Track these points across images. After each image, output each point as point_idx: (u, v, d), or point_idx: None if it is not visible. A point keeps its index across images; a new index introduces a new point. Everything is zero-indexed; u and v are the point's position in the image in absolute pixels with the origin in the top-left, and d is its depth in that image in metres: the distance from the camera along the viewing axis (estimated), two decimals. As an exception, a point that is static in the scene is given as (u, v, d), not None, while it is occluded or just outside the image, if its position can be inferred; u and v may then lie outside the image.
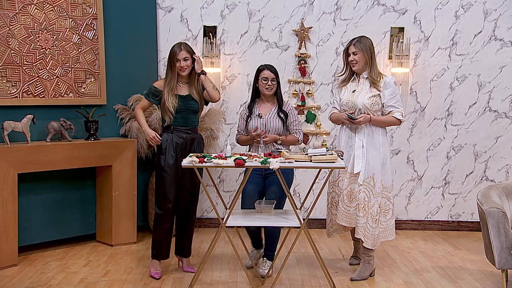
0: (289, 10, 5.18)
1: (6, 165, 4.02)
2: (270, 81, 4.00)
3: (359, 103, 3.85)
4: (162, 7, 5.16)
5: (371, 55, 3.85)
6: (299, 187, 5.29)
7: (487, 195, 3.77)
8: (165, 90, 3.84)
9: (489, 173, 5.31)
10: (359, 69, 3.88)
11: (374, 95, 3.84)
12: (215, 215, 5.16)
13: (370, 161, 3.83)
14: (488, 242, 3.70)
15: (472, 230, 5.33)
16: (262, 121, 4.03)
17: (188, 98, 3.89)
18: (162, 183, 3.84)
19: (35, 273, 3.98)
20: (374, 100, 3.84)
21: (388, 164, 3.91)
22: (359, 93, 3.88)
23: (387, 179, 3.89)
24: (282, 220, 3.70)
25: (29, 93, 4.33)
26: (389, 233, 3.94)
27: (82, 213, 4.70)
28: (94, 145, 4.49)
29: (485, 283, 3.94)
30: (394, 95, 3.87)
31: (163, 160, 3.83)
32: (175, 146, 3.85)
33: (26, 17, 4.28)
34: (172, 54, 3.85)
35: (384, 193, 3.89)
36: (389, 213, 3.92)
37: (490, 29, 5.17)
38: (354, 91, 3.91)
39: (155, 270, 3.93)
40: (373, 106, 3.85)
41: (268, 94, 4.03)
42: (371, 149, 3.85)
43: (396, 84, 3.92)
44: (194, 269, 4.02)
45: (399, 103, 3.89)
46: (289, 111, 4.09)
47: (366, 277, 3.95)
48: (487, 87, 5.23)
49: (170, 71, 3.87)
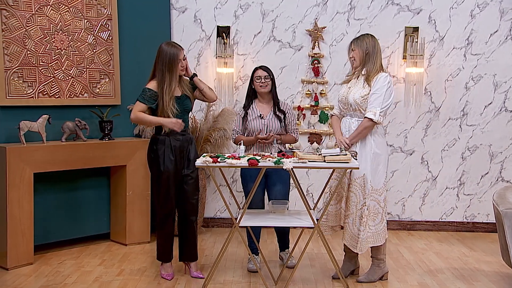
0: (303, 10, 5.17)
1: (22, 165, 4.06)
2: (263, 79, 4.04)
3: (351, 99, 3.76)
4: (176, 7, 5.18)
5: (367, 52, 3.74)
6: (312, 188, 5.28)
7: (503, 196, 3.73)
8: (165, 94, 3.69)
9: (505, 173, 5.25)
10: (356, 65, 3.82)
11: (366, 93, 3.71)
12: (228, 215, 5.18)
13: (362, 161, 3.71)
14: (504, 244, 3.65)
15: (487, 231, 5.28)
16: (264, 122, 4.06)
17: (183, 98, 3.84)
18: (162, 188, 3.78)
19: (50, 272, 4.02)
20: (365, 98, 3.71)
21: (381, 165, 3.75)
22: (353, 89, 3.80)
23: (377, 181, 3.74)
24: (295, 220, 3.69)
25: (44, 93, 4.37)
26: (377, 238, 3.75)
27: (96, 212, 4.74)
28: (108, 145, 4.52)
29: (501, 285, 3.90)
30: (377, 93, 3.68)
31: (162, 165, 3.75)
32: (173, 150, 3.77)
33: (42, 18, 4.33)
34: (172, 56, 3.70)
35: (373, 196, 3.72)
36: (378, 217, 3.74)
37: (506, 29, 5.11)
38: (350, 87, 3.84)
39: (166, 272, 3.92)
40: (364, 103, 3.73)
41: (263, 91, 4.06)
42: (363, 149, 3.74)
43: (389, 83, 3.72)
44: (202, 274, 3.92)
45: (379, 102, 3.66)
46: (288, 110, 4.12)
47: (374, 280, 3.88)
48: (503, 87, 5.17)
49: (168, 74, 3.70)
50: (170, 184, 3.78)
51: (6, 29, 4.15)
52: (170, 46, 3.76)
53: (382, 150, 3.78)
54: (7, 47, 4.16)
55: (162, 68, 3.72)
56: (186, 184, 3.85)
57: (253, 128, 4.06)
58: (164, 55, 3.72)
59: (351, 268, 3.99)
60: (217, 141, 4.86)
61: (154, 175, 3.84)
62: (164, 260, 3.93)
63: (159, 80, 3.73)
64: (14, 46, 4.19)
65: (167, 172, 3.76)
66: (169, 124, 3.72)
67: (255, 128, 4.05)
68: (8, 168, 3.99)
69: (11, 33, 4.18)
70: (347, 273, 3.96)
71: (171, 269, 3.95)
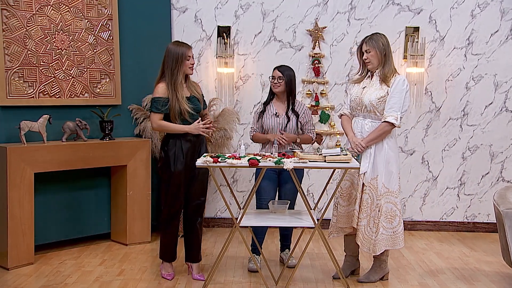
0: (303, 10, 5.17)
1: (23, 165, 4.06)
2: (277, 79, 4.07)
3: (366, 100, 3.72)
4: (177, 7, 5.18)
5: (384, 52, 3.70)
6: (312, 188, 5.28)
7: (503, 196, 3.73)
8: (177, 94, 3.67)
9: (505, 174, 5.24)
10: (374, 67, 3.76)
11: (383, 95, 3.68)
12: (229, 215, 5.18)
13: (378, 162, 3.70)
14: (505, 244, 3.65)
15: (488, 231, 5.28)
16: (279, 120, 4.08)
17: (193, 99, 3.80)
18: (172, 189, 3.76)
19: (51, 272, 4.02)
20: (382, 100, 3.68)
21: (394, 167, 3.73)
22: (368, 90, 3.75)
23: (392, 183, 3.73)
24: (296, 220, 3.69)
25: (45, 93, 4.37)
26: (396, 241, 3.72)
27: (97, 212, 4.74)
28: (109, 145, 4.52)
29: (502, 285, 3.90)
30: (396, 97, 3.65)
31: (172, 165, 3.73)
32: (185, 152, 3.74)
33: (43, 18, 4.33)
34: (181, 54, 3.68)
35: (389, 198, 3.71)
36: (396, 220, 3.70)
37: (507, 28, 5.11)
38: (364, 87, 3.79)
39: (167, 272, 3.92)
40: (380, 105, 3.70)
41: (275, 91, 4.11)
42: (378, 151, 3.72)
43: (407, 86, 3.71)
44: (204, 277, 3.89)
45: (399, 106, 3.65)
46: (302, 111, 4.13)
47: (374, 280, 3.87)
48: (504, 87, 5.17)
49: (177, 73, 3.68)
50: (179, 185, 3.77)
51: (7, 29, 4.15)
52: (178, 45, 3.76)
53: (395, 152, 3.77)
54: (8, 47, 4.16)
55: (171, 67, 3.70)
56: (194, 185, 3.84)
57: (268, 126, 4.10)
58: (172, 54, 3.70)
59: (351, 268, 3.98)
60: (218, 141, 4.86)
61: (164, 176, 3.80)
62: (166, 259, 3.93)
63: (169, 80, 3.70)
64: (14, 46, 4.19)
65: (178, 173, 3.74)
66: (194, 131, 3.71)
67: (270, 125, 4.09)
68: (9, 168, 3.99)
69: (12, 33, 4.18)
70: (347, 273, 3.95)
71: (171, 269, 3.95)
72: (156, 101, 3.72)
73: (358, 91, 3.80)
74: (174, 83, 3.70)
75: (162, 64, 3.77)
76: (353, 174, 3.81)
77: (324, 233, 3.72)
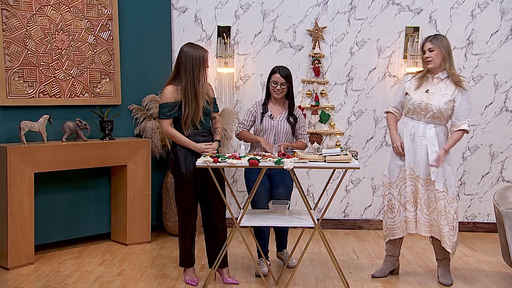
0: (303, 10, 5.17)
1: (23, 165, 4.07)
2: (279, 85, 3.97)
3: (435, 106, 3.66)
4: (177, 7, 5.19)
5: (449, 53, 3.68)
6: (312, 187, 5.28)
7: (503, 196, 3.73)
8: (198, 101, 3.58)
9: (505, 173, 5.25)
10: (435, 67, 3.70)
11: (450, 99, 3.66)
12: (229, 215, 5.17)
13: (445, 166, 3.71)
14: (505, 244, 3.66)
15: (488, 231, 5.28)
16: (273, 123, 4.03)
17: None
18: (184, 193, 3.68)
19: (51, 272, 4.02)
20: (449, 105, 3.67)
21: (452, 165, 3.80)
22: (433, 94, 3.69)
23: (455, 183, 3.77)
24: (296, 220, 3.69)
25: (45, 93, 4.38)
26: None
27: (97, 212, 4.74)
28: (109, 145, 4.52)
29: (502, 285, 3.90)
30: (465, 103, 3.68)
31: (183, 167, 3.65)
32: (194, 152, 3.67)
33: (43, 18, 4.33)
34: (202, 58, 3.59)
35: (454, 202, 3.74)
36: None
37: (507, 28, 5.11)
38: (427, 90, 3.72)
39: (190, 278, 3.82)
40: (447, 111, 3.68)
41: (276, 97, 4.03)
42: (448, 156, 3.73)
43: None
44: (236, 280, 3.82)
45: (468, 112, 3.72)
46: (299, 116, 4.10)
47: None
48: (504, 87, 5.17)
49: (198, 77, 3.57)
50: (190, 187, 3.67)
51: (7, 29, 4.15)
52: (196, 48, 3.63)
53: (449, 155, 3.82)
54: (8, 47, 4.16)
55: (190, 69, 3.58)
56: (209, 190, 3.73)
57: (262, 127, 4.04)
58: (192, 57, 3.58)
59: (391, 267, 4.03)
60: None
61: (176, 178, 3.73)
62: (186, 265, 3.83)
63: (187, 83, 3.58)
64: (14, 46, 4.19)
65: (188, 175, 3.65)
66: (199, 151, 3.64)
67: (264, 127, 4.03)
68: (9, 168, 3.99)
69: (12, 33, 4.18)
70: (387, 272, 4.01)
71: (195, 274, 3.85)
72: (163, 107, 3.65)
73: (423, 94, 3.73)
74: (193, 87, 3.59)
75: (176, 66, 3.66)
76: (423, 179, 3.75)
77: (323, 233, 3.72)
